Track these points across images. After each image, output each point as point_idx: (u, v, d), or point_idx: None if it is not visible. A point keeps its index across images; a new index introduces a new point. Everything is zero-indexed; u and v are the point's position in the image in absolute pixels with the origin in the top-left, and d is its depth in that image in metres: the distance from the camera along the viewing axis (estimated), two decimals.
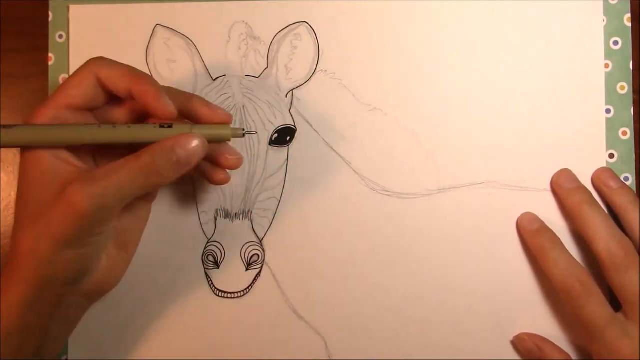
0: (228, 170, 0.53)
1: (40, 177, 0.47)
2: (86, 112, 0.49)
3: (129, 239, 0.54)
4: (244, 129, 0.51)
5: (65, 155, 0.47)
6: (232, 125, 0.51)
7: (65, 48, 0.59)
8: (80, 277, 0.49)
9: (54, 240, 0.45)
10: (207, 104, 0.51)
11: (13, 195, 0.60)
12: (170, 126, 0.47)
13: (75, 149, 0.48)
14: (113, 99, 0.50)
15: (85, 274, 0.49)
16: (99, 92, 0.48)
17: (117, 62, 0.49)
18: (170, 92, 0.50)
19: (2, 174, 0.60)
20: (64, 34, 0.59)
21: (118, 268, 0.53)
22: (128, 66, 0.49)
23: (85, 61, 0.48)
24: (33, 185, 0.47)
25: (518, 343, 0.56)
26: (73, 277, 0.48)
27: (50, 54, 0.59)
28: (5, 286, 0.47)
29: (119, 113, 0.51)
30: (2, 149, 0.60)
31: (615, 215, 0.55)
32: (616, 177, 0.55)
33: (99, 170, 0.46)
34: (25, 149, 0.47)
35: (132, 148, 0.47)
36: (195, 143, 0.47)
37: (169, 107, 0.47)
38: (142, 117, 0.50)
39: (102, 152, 0.51)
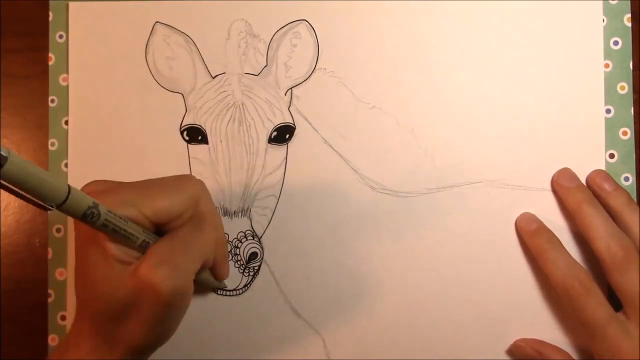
0: None
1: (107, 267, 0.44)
2: None
3: None
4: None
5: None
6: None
7: (65, 48, 0.59)
8: None
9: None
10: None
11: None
12: None
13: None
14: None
15: None
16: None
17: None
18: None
19: None
20: (64, 34, 0.59)
21: None
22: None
23: (84, 61, 0.47)
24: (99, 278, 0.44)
25: (516, 350, 0.56)
26: None
27: (50, 54, 0.59)
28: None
29: None
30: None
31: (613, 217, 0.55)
32: (610, 180, 0.55)
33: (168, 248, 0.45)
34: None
35: None
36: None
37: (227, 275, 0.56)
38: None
39: None
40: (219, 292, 0.57)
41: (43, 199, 0.36)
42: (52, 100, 0.59)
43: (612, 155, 0.57)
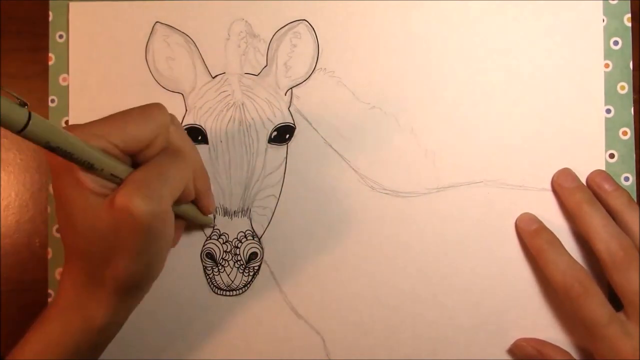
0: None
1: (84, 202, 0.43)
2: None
3: None
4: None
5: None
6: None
7: (65, 48, 0.59)
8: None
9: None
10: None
11: (13, 195, 0.60)
12: None
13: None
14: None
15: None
16: (147, 145, 0.46)
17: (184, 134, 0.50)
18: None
19: (2, 174, 0.60)
20: (64, 34, 0.59)
21: None
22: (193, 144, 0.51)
23: (85, 61, 0.47)
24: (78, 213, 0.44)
25: (517, 350, 0.56)
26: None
27: (50, 54, 0.59)
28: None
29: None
30: (3, 150, 0.60)
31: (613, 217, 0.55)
32: (610, 180, 0.55)
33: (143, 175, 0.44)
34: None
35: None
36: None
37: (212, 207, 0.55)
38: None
39: None
40: (218, 293, 0.57)
41: (3, 124, 0.36)
42: (52, 100, 0.59)
43: (612, 155, 0.56)
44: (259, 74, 0.58)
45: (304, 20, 0.58)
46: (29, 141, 0.38)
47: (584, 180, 0.56)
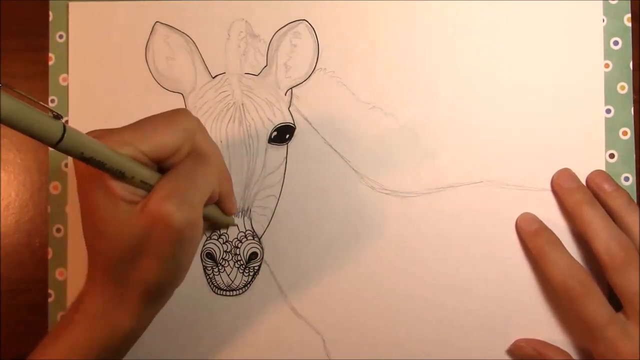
0: None
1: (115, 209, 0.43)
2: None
3: None
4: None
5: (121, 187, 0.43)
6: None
7: (65, 48, 0.59)
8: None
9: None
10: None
11: (13, 195, 0.60)
12: None
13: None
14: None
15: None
16: (174, 152, 0.46)
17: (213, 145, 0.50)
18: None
19: (2, 174, 0.60)
20: (64, 34, 0.59)
21: None
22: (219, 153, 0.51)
23: (84, 61, 0.47)
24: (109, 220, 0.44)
25: (516, 350, 0.56)
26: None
27: (50, 54, 0.59)
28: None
29: None
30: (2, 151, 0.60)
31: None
32: (610, 180, 0.55)
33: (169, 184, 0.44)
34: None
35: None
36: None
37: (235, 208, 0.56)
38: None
39: None
40: (218, 293, 0.57)
41: (39, 138, 0.36)
42: (52, 100, 0.59)
43: (612, 155, 0.56)
44: (259, 74, 0.58)
45: (304, 20, 0.58)
46: (59, 151, 0.38)
47: (584, 181, 0.56)
